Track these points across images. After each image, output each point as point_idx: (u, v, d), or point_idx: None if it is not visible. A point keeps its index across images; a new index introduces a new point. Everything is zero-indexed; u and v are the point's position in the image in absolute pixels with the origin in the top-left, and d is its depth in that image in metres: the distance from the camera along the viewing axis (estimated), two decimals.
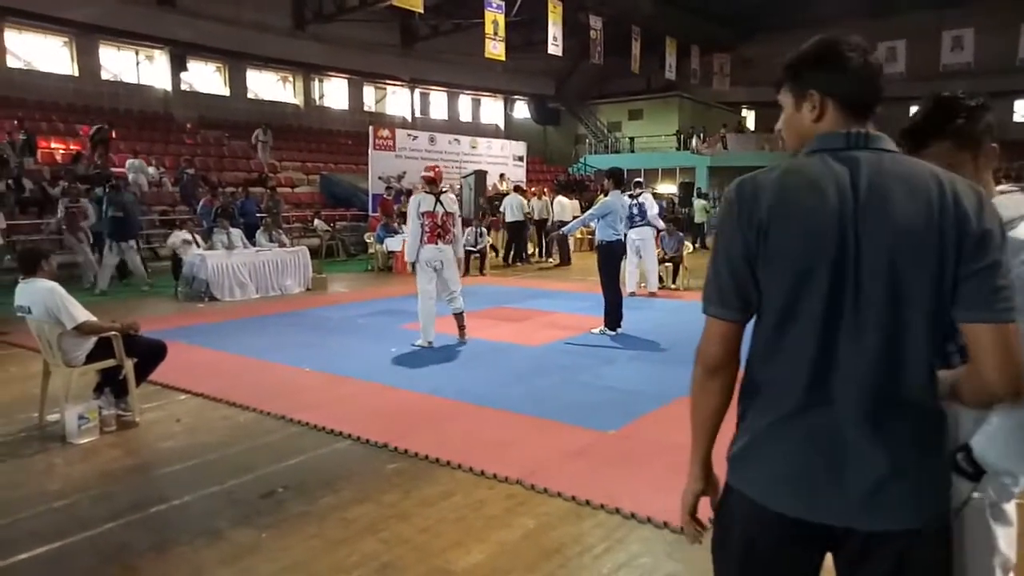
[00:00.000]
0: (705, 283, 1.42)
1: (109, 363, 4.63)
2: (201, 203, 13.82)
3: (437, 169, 7.25)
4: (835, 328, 1.28)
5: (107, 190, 12.28)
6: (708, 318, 1.40)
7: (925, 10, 25.28)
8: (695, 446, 1.48)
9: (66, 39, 19.29)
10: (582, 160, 30.04)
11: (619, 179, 8.03)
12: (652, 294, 10.30)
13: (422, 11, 18.58)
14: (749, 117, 34.26)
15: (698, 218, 19.14)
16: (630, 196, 9.83)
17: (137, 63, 21.09)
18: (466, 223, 12.51)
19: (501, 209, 15.77)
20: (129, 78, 20.84)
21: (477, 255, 13.73)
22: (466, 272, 11.79)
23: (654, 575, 2.88)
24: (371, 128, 18.49)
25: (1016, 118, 29.89)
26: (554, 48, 21.22)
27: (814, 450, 1.30)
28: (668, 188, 27.11)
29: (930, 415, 1.31)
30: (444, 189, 7.32)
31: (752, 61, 30.94)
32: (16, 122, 15.39)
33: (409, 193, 15.42)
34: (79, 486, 3.75)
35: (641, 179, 11.38)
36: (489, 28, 19.85)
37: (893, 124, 1.91)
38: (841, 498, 1.29)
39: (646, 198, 10.44)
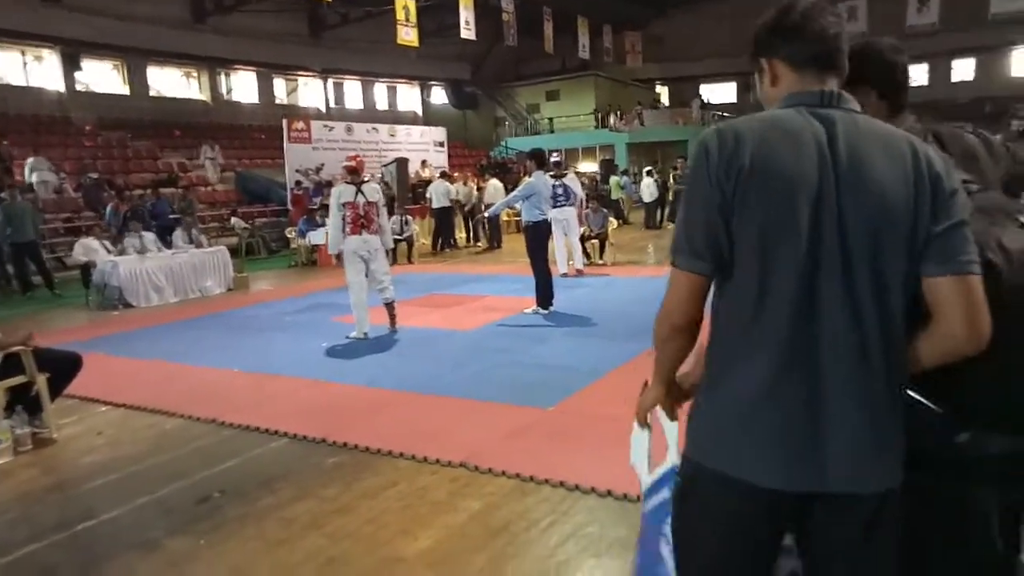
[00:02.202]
0: (675, 234, 1.35)
1: (19, 380, 4.36)
2: (108, 208, 13.16)
3: (358, 159, 7.12)
4: (815, 287, 1.25)
5: (2, 200, 11.56)
6: (676, 272, 1.34)
7: None
8: (659, 376, 1.51)
9: None
10: (503, 143, 30.04)
11: (541, 160, 8.08)
12: (579, 272, 10.37)
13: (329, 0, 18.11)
14: (663, 93, 34.99)
15: (614, 195, 19.41)
16: (553, 177, 9.88)
17: (25, 64, 19.78)
18: (391, 212, 12.33)
19: (427, 196, 15.62)
20: (17, 80, 19.54)
21: (404, 243, 13.58)
22: (394, 261, 11.64)
23: (601, 543, 2.92)
24: (285, 121, 17.96)
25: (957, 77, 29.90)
26: (467, 32, 21.06)
27: (800, 417, 1.26)
28: (590, 167, 27.43)
29: (901, 377, 1.32)
30: (366, 179, 7.19)
31: (663, 38, 31.59)
32: None
33: (329, 185, 15.11)
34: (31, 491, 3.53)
35: (560, 159, 11.37)
36: (400, 14, 19.52)
37: None
38: (825, 463, 1.26)
39: (571, 180, 10.49)
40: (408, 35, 19.83)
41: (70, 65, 19.82)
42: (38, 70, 19.90)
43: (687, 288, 1.34)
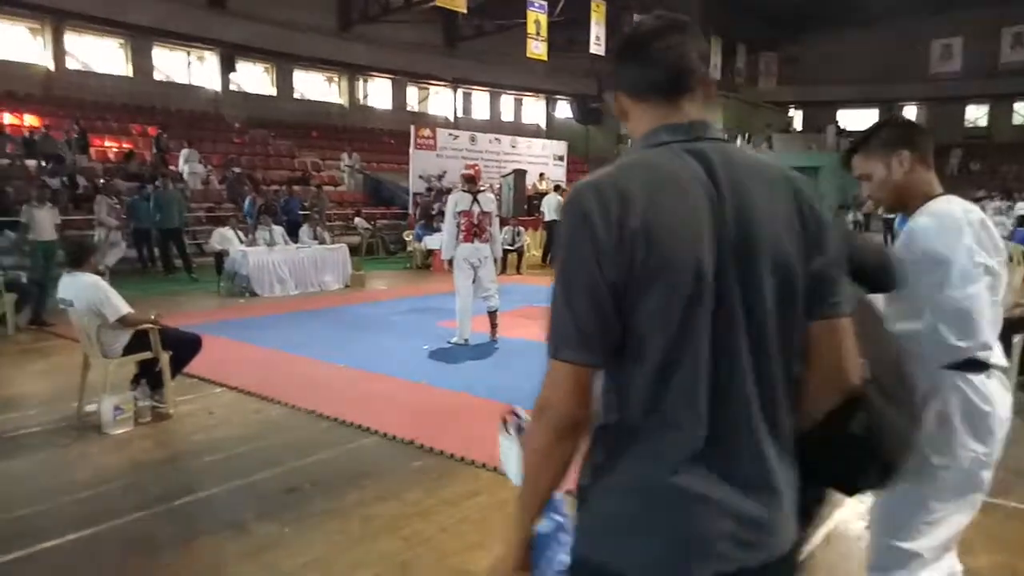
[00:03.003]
0: (554, 320, 1.12)
1: (146, 355, 4.72)
2: (248, 199, 14.12)
3: (476, 168, 7.25)
4: (724, 352, 1.11)
5: (155, 188, 12.65)
6: (559, 365, 1.11)
7: (984, 7, 24.37)
8: (525, 516, 1.19)
9: (122, 41, 19.89)
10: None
11: None
12: None
13: (465, 11, 18.62)
14: (796, 117, 33.58)
15: None
16: None
17: (188, 64, 21.63)
18: (504, 222, 12.48)
19: (541, 208, 15.71)
20: (180, 78, 21.39)
21: (515, 253, 13.70)
22: (503, 270, 11.75)
23: None
24: (412, 127, 18.62)
25: None
26: (596, 48, 21.03)
27: (717, 491, 1.11)
28: None
29: (792, 431, 1.19)
30: (482, 188, 7.30)
31: (799, 60, 30.33)
32: (74, 121, 15.91)
33: (449, 192, 15.51)
34: (110, 476, 3.82)
35: None
36: (532, 28, 19.79)
37: (952, 122, 1.93)
38: (773, 526, 1.15)
39: None
40: (538, 48, 20.07)
41: (226, 66, 21.53)
42: (199, 70, 21.72)
43: (574, 383, 1.11)
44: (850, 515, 3.34)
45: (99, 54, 19.66)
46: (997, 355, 1.89)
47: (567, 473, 1.17)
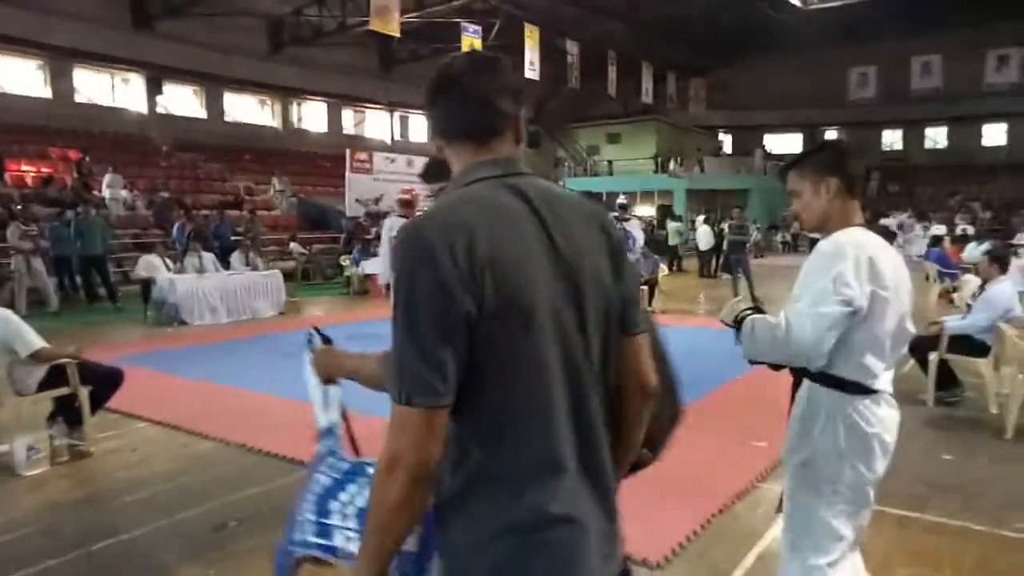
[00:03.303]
0: (397, 364, 1.09)
1: (62, 391, 4.49)
2: (177, 225, 13.69)
3: (413, 192, 7.23)
4: (571, 371, 1.15)
5: (77, 214, 12.16)
6: (409, 412, 1.07)
7: (896, 36, 25.89)
8: (374, 568, 1.12)
9: (41, 62, 19.13)
10: (562, 183, 30.20)
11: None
12: None
13: (399, 36, 18.69)
14: (726, 141, 34.78)
15: (671, 240, 19.22)
16: (616, 218, 9.80)
17: (112, 86, 20.95)
18: None
19: None
20: (104, 101, 20.69)
21: None
22: None
23: None
24: (348, 151, 18.46)
25: (984, 142, 30.66)
26: (531, 72, 21.39)
27: (585, 508, 1.16)
28: (647, 211, 27.32)
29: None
30: (420, 212, 7.27)
31: (728, 85, 31.50)
32: None
33: (386, 215, 15.39)
34: (23, 521, 3.60)
35: (625, 201, 11.11)
36: None
37: (869, 146, 2.05)
38: (607, 551, 1.20)
39: (632, 226, 10.22)
40: None
41: (153, 88, 20.94)
42: (124, 92, 21.06)
43: (427, 426, 1.07)
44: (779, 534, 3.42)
45: (15, 75, 18.86)
46: (883, 380, 1.99)
47: (421, 517, 1.14)
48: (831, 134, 31.56)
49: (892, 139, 32.71)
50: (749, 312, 2.05)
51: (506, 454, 1.12)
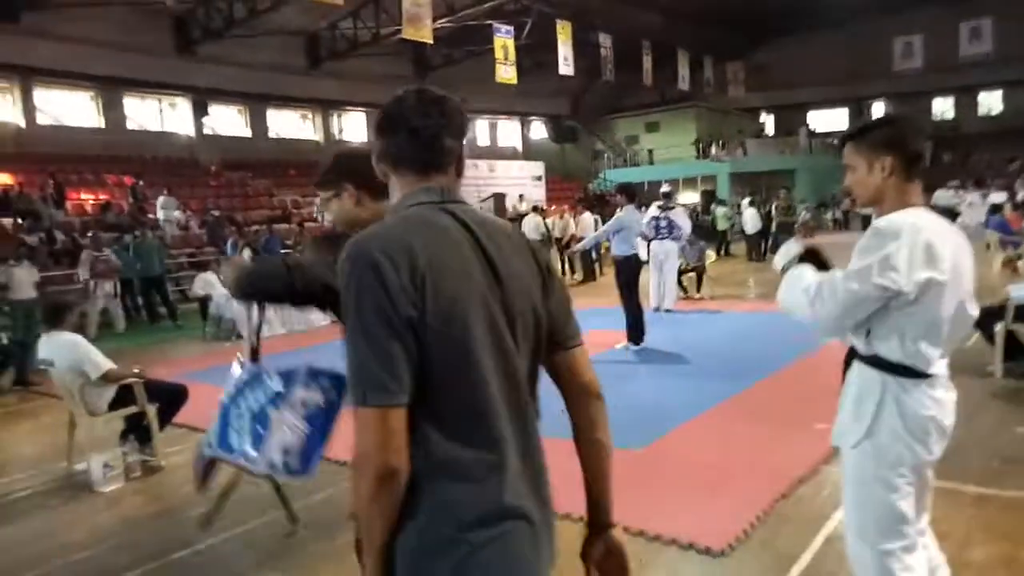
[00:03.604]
0: (354, 370, 1.17)
1: (131, 410, 4.68)
2: (230, 242, 14.08)
3: None
4: (505, 384, 1.26)
5: (135, 237, 12.61)
6: (368, 413, 1.15)
7: (941, 3, 24.94)
8: (375, 542, 1.20)
9: (92, 93, 19.90)
10: (602, 175, 30.04)
11: (632, 195, 7.99)
12: (667, 310, 9.80)
13: (432, 42, 18.82)
14: (768, 121, 34.04)
15: (721, 225, 18.93)
16: (660, 208, 9.62)
17: (160, 111, 21.66)
18: None
19: (521, 230, 15.76)
20: (154, 126, 21.40)
21: None
22: None
23: None
24: None
25: None
26: (565, 68, 21.31)
27: (530, 503, 1.29)
28: (691, 197, 26.95)
29: None
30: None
31: (767, 66, 30.82)
32: (49, 176, 15.85)
33: None
34: (102, 535, 3.77)
35: (669, 190, 10.89)
36: (499, 54, 20.03)
37: (919, 116, 1.96)
38: (547, 541, 1.32)
39: (677, 214, 9.97)
40: (507, 73, 20.29)
41: (199, 111, 21.58)
42: (172, 116, 21.75)
43: (388, 424, 1.16)
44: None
45: (70, 107, 19.66)
46: (938, 365, 1.93)
47: (398, 506, 1.20)
48: (878, 107, 30.60)
49: (943, 108, 31.51)
50: (802, 260, 2.05)
51: (456, 453, 1.21)
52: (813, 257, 2.08)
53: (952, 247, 1.88)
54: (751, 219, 16.84)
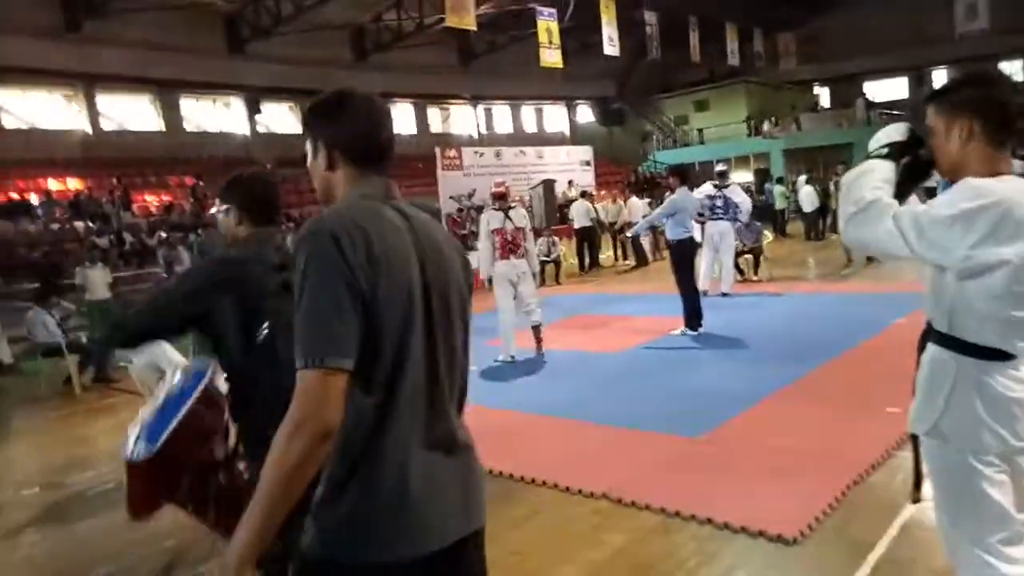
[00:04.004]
0: (309, 332, 1.23)
1: None
2: (289, 238, 14.42)
3: (504, 184, 7.32)
4: (435, 363, 1.39)
5: (199, 235, 13.05)
6: (317, 376, 1.21)
7: None
8: (276, 513, 1.21)
9: (151, 96, 20.58)
10: (651, 157, 29.62)
11: (684, 176, 7.88)
12: (724, 294, 9.53)
13: (476, 28, 18.81)
14: (823, 94, 32.98)
15: (779, 204, 18.49)
16: (715, 187, 9.45)
17: (216, 111, 22.25)
18: (538, 233, 12.50)
19: (570, 216, 15.70)
20: (210, 127, 22.01)
21: (552, 264, 13.71)
22: (542, 283, 11.74)
23: None
24: (438, 149, 18.82)
25: None
26: (611, 48, 21.03)
27: (457, 471, 1.42)
28: (743, 176, 26.37)
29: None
30: (513, 204, 7.36)
31: (819, 36, 29.83)
32: (115, 180, 16.49)
33: (480, 210, 15.63)
34: (188, 522, 3.92)
35: (724, 168, 10.66)
36: (543, 37, 19.88)
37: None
38: (473, 503, 1.44)
39: (734, 191, 9.72)
40: (552, 57, 20.14)
41: (252, 109, 22.10)
42: (226, 116, 22.33)
43: (332, 388, 1.22)
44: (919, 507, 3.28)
45: (132, 112, 20.36)
46: (1021, 345, 1.77)
47: (313, 475, 1.25)
48: (939, 74, 29.29)
49: (1012, 71, 29.99)
50: (897, 153, 1.84)
51: (390, 428, 1.32)
52: (914, 156, 1.86)
53: None
54: (808, 197, 16.37)
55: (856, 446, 3.97)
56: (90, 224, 14.67)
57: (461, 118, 28.38)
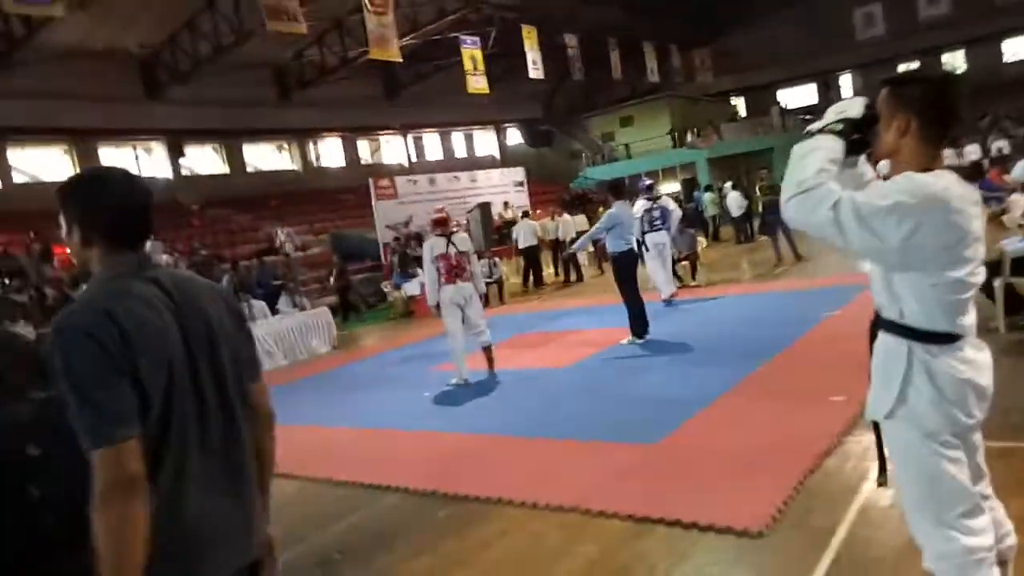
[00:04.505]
0: (91, 417, 1.32)
1: None
2: (225, 279, 14.02)
3: (444, 211, 7.34)
4: (205, 413, 1.49)
5: None
6: (107, 450, 1.31)
7: None
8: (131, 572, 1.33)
9: (66, 147, 19.82)
10: (582, 174, 30.13)
11: (620, 190, 8.04)
12: (667, 301, 9.68)
13: (400, 60, 18.90)
14: (740, 104, 34.29)
15: (710, 211, 19.03)
16: (649, 200, 9.67)
17: (136, 157, 21.58)
18: (479, 256, 12.51)
19: (513, 237, 15.79)
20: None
21: (494, 285, 13.73)
22: (486, 304, 11.69)
23: None
24: (371, 180, 18.71)
25: (1005, 59, 29.70)
26: (535, 72, 21.46)
27: (238, 508, 1.55)
28: (672, 187, 27.08)
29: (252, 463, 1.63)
30: (454, 229, 7.37)
31: (733, 50, 31.12)
32: (32, 233, 15.75)
33: (418, 237, 15.59)
34: None
35: (650, 182, 10.97)
36: (468, 65, 20.14)
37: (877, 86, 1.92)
38: (242, 545, 1.55)
39: (667, 202, 10.02)
40: (478, 83, 20.40)
41: (175, 153, 21.53)
42: (148, 161, 21.68)
43: (131, 455, 1.33)
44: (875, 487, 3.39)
45: (45, 163, 19.55)
46: (965, 325, 1.84)
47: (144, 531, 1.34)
48: (845, 79, 30.93)
49: (955, 63, 31.78)
50: (846, 127, 1.85)
51: (172, 477, 1.42)
52: (861, 136, 1.88)
53: (974, 210, 1.81)
54: (735, 202, 16.95)
55: (807, 436, 4.08)
56: (7, 281, 13.95)
57: (391, 148, 28.32)
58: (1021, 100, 26.18)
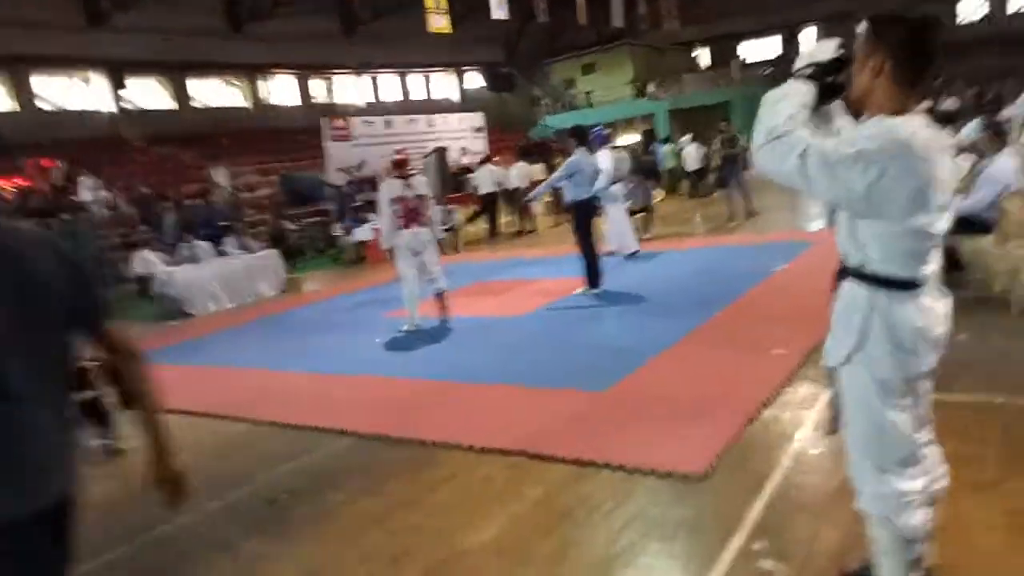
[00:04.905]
0: None
1: (87, 395, 4.53)
2: (167, 217, 13.58)
3: (405, 152, 7.20)
4: (24, 356, 1.54)
5: (62, 222, 12.06)
6: None
7: None
8: None
9: None
10: (542, 122, 29.80)
11: (583, 137, 7.92)
12: (632, 254, 9.56)
13: None
14: (703, 54, 34.13)
15: (669, 163, 19.02)
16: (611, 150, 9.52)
17: (73, 87, 20.49)
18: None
19: (473, 184, 15.58)
20: (69, 105, 20.26)
21: (449, 232, 13.59)
22: (441, 251, 11.60)
23: (665, 525, 2.89)
24: (324, 120, 18.18)
25: (959, 21, 30.05)
26: (498, 12, 20.88)
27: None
28: (631, 138, 27.02)
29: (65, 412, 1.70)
30: (413, 172, 7.23)
31: None
32: None
33: (372, 182, 15.28)
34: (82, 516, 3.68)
35: (608, 130, 10.68)
36: (430, 2, 19.49)
37: (849, 38, 1.91)
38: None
39: (603, 157, 9.84)
40: (439, 22, 19.81)
41: (116, 85, 20.49)
42: (87, 93, 20.61)
43: None
44: (810, 436, 3.52)
45: None
46: (926, 273, 1.87)
47: None
48: (809, 31, 31.01)
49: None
50: (816, 71, 1.86)
51: None
52: (833, 80, 1.88)
53: (946, 161, 1.81)
54: (691, 156, 17.01)
55: (749, 387, 4.19)
56: None
57: (346, 88, 27.49)
58: (973, 61, 26.67)
